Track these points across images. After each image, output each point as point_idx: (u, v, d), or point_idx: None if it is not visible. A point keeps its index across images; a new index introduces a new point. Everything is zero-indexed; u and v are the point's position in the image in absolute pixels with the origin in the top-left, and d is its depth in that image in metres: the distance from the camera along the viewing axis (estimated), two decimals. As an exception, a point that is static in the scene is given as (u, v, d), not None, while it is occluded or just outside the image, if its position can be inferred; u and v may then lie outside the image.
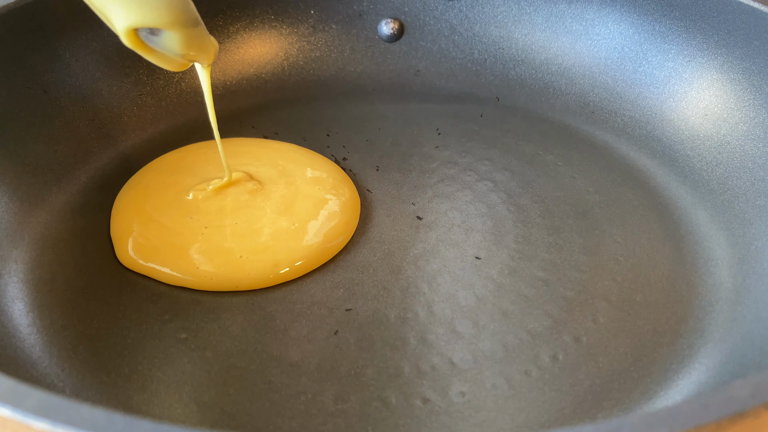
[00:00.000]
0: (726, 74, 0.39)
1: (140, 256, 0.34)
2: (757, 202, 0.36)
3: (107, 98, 0.42)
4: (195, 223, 0.36)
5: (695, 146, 0.40)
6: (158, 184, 0.38)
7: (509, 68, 0.46)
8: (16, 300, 0.32)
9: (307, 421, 0.28)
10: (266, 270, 0.34)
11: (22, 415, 0.18)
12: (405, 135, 0.43)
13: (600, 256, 0.35)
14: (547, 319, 0.32)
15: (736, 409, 0.19)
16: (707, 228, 0.36)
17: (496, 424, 0.28)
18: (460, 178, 0.40)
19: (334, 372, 0.30)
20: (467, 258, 0.35)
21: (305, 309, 0.33)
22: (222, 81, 0.45)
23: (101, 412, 0.18)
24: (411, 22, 0.48)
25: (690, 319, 0.32)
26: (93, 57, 0.41)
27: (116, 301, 0.33)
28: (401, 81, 0.47)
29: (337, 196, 0.38)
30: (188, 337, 0.31)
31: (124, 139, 0.41)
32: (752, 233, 0.35)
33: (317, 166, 0.40)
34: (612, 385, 0.29)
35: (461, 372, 0.30)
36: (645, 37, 0.43)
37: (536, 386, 0.29)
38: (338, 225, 0.36)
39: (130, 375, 0.30)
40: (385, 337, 0.31)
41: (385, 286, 0.34)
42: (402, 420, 0.28)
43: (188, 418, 0.28)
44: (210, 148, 0.41)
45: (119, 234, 0.36)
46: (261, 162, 0.40)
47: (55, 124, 0.39)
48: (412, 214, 0.38)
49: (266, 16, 0.47)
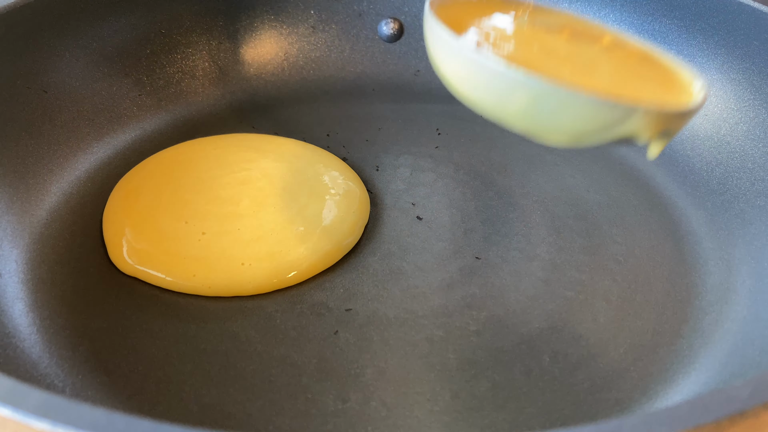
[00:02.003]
0: (726, 74, 0.39)
1: (135, 261, 0.34)
2: (757, 202, 0.36)
3: (107, 98, 0.42)
4: (191, 229, 0.35)
5: (695, 146, 0.40)
6: (153, 184, 0.38)
7: (509, 68, 0.46)
8: (16, 300, 0.32)
9: (307, 421, 0.28)
10: (270, 277, 0.33)
11: (22, 415, 0.18)
12: (405, 135, 0.43)
13: (600, 256, 0.35)
14: (547, 319, 0.32)
15: (736, 409, 0.19)
16: (707, 228, 0.36)
17: (496, 424, 0.28)
18: (460, 178, 0.40)
19: (334, 372, 0.30)
20: (467, 258, 0.35)
21: (305, 309, 0.33)
22: (222, 81, 0.45)
23: (101, 412, 0.18)
24: (411, 22, 0.48)
25: (690, 319, 0.32)
26: (93, 57, 0.41)
27: (116, 301, 0.33)
28: (401, 81, 0.47)
29: (346, 198, 0.37)
30: (188, 337, 0.31)
31: (124, 139, 0.41)
32: (752, 233, 0.35)
33: (328, 163, 0.39)
34: (612, 385, 0.29)
35: (461, 372, 0.30)
36: (645, 36, 0.43)
37: (536, 386, 0.29)
38: (347, 227, 0.36)
39: (130, 375, 0.30)
40: (385, 338, 0.31)
41: (385, 286, 0.34)
42: (402, 420, 0.28)
43: (188, 418, 0.28)
44: (208, 144, 0.40)
45: (111, 237, 0.35)
46: (269, 158, 0.39)
47: (55, 124, 0.39)
48: (412, 214, 0.38)
49: (266, 16, 0.47)
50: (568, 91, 0.26)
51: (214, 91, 0.45)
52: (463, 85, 0.29)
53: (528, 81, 0.26)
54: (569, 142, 0.29)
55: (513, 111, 0.28)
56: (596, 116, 0.27)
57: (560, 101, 0.27)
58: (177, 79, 0.44)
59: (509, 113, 0.28)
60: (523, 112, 0.28)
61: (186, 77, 0.44)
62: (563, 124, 0.27)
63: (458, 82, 0.29)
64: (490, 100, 0.29)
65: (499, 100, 0.28)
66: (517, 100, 0.27)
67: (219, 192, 0.37)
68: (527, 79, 0.26)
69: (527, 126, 0.29)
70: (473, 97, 0.29)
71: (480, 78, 0.28)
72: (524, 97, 0.27)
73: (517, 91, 0.27)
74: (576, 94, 0.26)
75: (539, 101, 0.27)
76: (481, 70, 0.28)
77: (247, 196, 0.37)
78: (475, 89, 0.29)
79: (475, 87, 0.29)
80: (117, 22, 0.42)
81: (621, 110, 0.27)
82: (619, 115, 0.27)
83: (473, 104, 0.30)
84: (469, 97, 0.29)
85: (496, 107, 0.29)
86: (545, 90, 0.26)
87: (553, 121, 0.28)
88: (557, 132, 0.28)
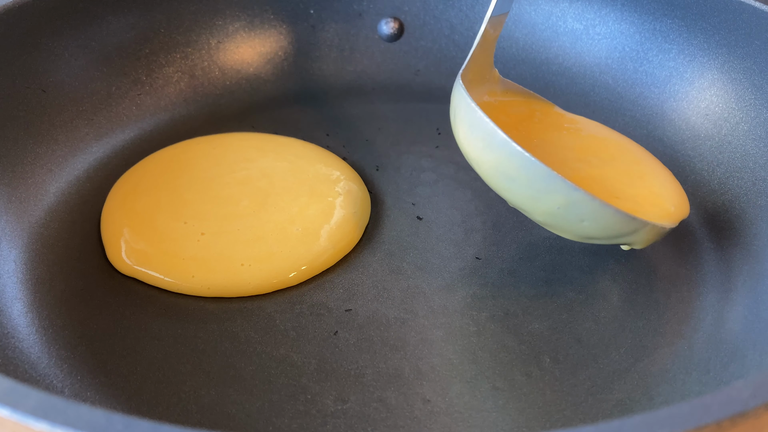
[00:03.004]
0: (727, 74, 0.39)
1: (134, 262, 0.34)
2: (758, 202, 0.36)
3: (106, 98, 0.42)
4: (190, 229, 0.35)
5: (696, 146, 0.40)
6: (151, 183, 0.37)
7: (509, 68, 0.46)
8: (15, 300, 0.32)
9: (307, 422, 0.28)
10: (270, 278, 0.33)
11: (21, 416, 0.18)
12: (405, 135, 0.43)
13: (600, 256, 0.35)
14: (548, 319, 0.32)
15: (737, 410, 0.19)
16: (708, 228, 0.36)
17: (497, 424, 0.28)
18: (460, 178, 0.40)
19: (334, 372, 0.30)
20: (467, 258, 0.35)
21: (305, 309, 0.32)
22: (221, 81, 0.45)
23: (101, 412, 0.18)
24: (411, 22, 0.48)
25: (690, 320, 0.32)
26: (92, 57, 0.41)
27: (115, 301, 0.33)
28: (401, 81, 0.47)
29: (348, 198, 0.37)
30: (188, 337, 0.31)
31: (123, 138, 0.41)
32: (753, 233, 0.35)
33: (329, 162, 0.39)
34: (612, 385, 0.29)
35: (461, 372, 0.30)
36: (646, 36, 0.43)
37: (537, 387, 0.29)
38: (348, 228, 0.35)
39: (130, 375, 0.30)
40: (385, 338, 0.31)
41: (385, 286, 0.34)
42: (402, 420, 0.28)
43: (187, 418, 0.28)
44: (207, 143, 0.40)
45: (109, 237, 0.35)
46: (269, 157, 0.39)
47: (55, 124, 0.39)
48: (412, 214, 0.38)
49: (266, 15, 0.47)
50: (602, 204, 0.29)
51: (213, 90, 0.45)
52: (494, 172, 0.31)
53: (567, 188, 0.29)
54: (577, 239, 0.32)
55: (542, 208, 0.30)
56: (616, 226, 0.30)
57: (592, 210, 0.29)
58: (176, 79, 0.44)
59: (536, 208, 0.31)
60: (551, 211, 0.30)
61: (185, 77, 0.44)
62: (584, 227, 0.30)
63: (487, 167, 0.31)
64: (521, 194, 0.31)
65: (532, 196, 0.30)
66: (551, 201, 0.30)
67: (218, 192, 0.37)
68: (567, 186, 0.29)
69: (547, 220, 0.31)
70: (499, 183, 0.31)
71: (518, 173, 0.30)
72: (559, 200, 0.30)
73: (554, 194, 0.29)
74: (606, 207, 0.29)
75: (572, 206, 0.29)
76: (523, 166, 0.30)
77: (247, 196, 0.37)
78: (508, 180, 0.31)
79: (508, 178, 0.31)
80: (116, 21, 0.42)
81: (639, 224, 0.30)
82: (635, 227, 0.30)
83: (493, 184, 0.32)
84: (494, 181, 0.32)
85: (525, 199, 0.31)
86: (581, 199, 0.29)
87: (574, 223, 0.30)
88: (571, 232, 0.31)
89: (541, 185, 0.29)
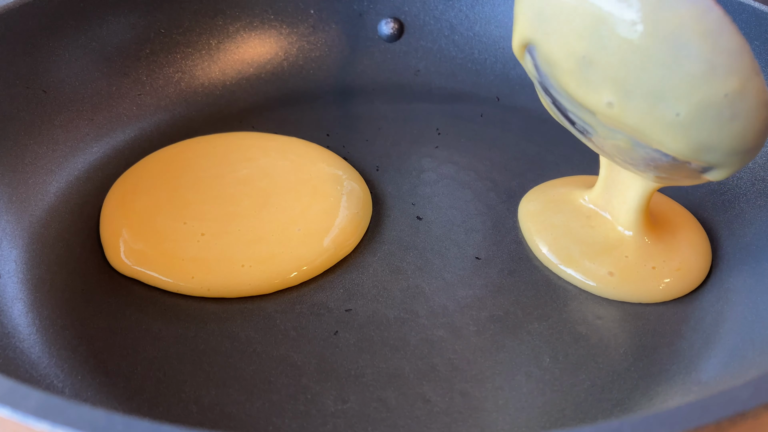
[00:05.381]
0: (726, 74, 0.39)
1: (133, 262, 0.33)
2: (757, 202, 0.36)
3: (106, 98, 0.42)
4: (190, 229, 0.35)
5: (695, 146, 0.40)
6: (151, 183, 0.37)
7: (509, 68, 0.46)
8: (16, 300, 0.32)
9: (307, 422, 0.28)
10: (270, 279, 0.33)
11: (22, 416, 0.18)
12: (405, 135, 0.43)
13: (600, 256, 0.35)
14: (548, 319, 0.32)
15: (737, 410, 0.19)
16: (707, 228, 0.36)
17: (497, 424, 0.28)
18: (460, 178, 0.40)
19: (334, 372, 0.30)
20: (467, 258, 0.35)
21: (305, 309, 0.32)
22: (222, 81, 0.45)
23: (101, 412, 0.18)
24: (411, 22, 0.48)
25: (690, 319, 0.32)
26: (92, 57, 0.41)
27: (116, 301, 0.33)
28: (401, 81, 0.47)
29: (349, 198, 0.37)
30: (188, 337, 0.31)
31: (123, 139, 0.41)
32: (752, 233, 0.35)
33: (331, 162, 0.39)
34: (612, 385, 0.29)
35: (461, 372, 0.30)
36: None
37: (537, 387, 0.29)
38: (350, 228, 0.35)
39: (130, 375, 0.30)
40: (385, 338, 0.31)
41: (385, 286, 0.34)
42: (402, 420, 0.28)
43: (188, 418, 0.28)
44: (207, 143, 0.40)
45: (108, 237, 0.35)
46: (271, 157, 0.39)
47: (55, 124, 0.39)
48: (412, 214, 0.38)
49: (266, 16, 0.47)
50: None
51: (213, 90, 0.45)
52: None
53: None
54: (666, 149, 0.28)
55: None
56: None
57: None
58: (176, 79, 0.44)
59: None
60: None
61: (185, 77, 0.44)
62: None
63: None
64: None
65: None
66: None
67: (219, 192, 0.37)
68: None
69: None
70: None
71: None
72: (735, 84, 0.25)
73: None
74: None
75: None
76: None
77: (248, 196, 0.37)
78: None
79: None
80: (116, 21, 0.42)
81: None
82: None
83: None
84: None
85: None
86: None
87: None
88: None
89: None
